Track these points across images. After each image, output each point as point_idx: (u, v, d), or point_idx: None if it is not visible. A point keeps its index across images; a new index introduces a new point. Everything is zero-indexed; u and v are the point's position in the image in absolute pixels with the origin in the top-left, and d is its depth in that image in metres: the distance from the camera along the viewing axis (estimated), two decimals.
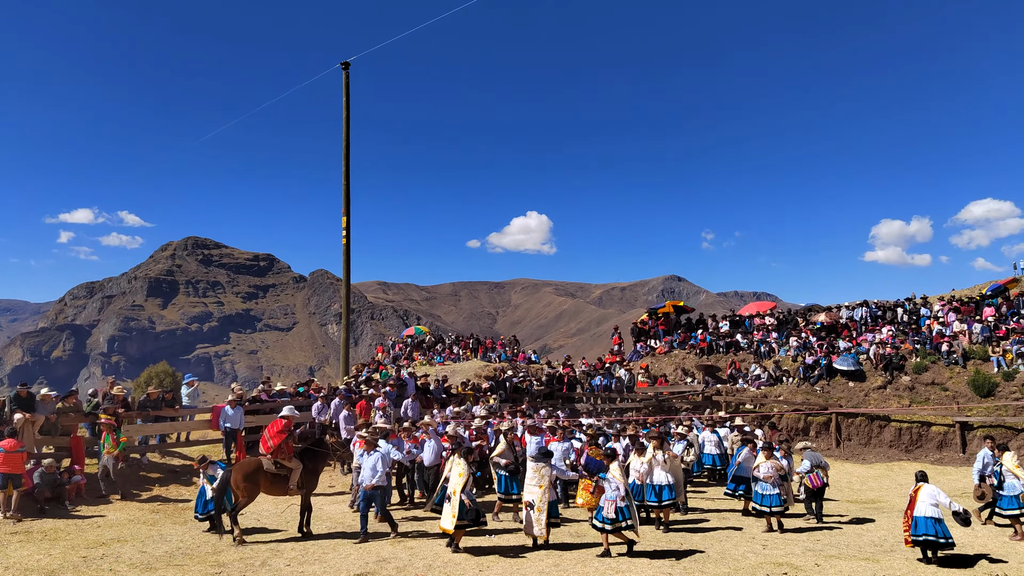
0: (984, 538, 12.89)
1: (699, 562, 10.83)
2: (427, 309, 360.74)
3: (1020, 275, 50.21)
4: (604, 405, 28.53)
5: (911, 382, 26.72)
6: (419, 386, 23.63)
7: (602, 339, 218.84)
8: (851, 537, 12.92)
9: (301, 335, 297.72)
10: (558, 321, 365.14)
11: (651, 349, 35.53)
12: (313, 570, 10.42)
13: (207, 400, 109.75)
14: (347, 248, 27.12)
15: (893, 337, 29.90)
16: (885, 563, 10.77)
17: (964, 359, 26.90)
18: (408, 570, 10.40)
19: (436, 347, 39.42)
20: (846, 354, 28.99)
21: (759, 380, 29.40)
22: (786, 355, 31.29)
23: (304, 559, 11.07)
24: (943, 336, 28.82)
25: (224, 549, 11.74)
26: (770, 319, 35.21)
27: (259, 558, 11.12)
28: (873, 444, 25.21)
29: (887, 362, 27.54)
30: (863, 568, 10.46)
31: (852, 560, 10.97)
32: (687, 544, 12.16)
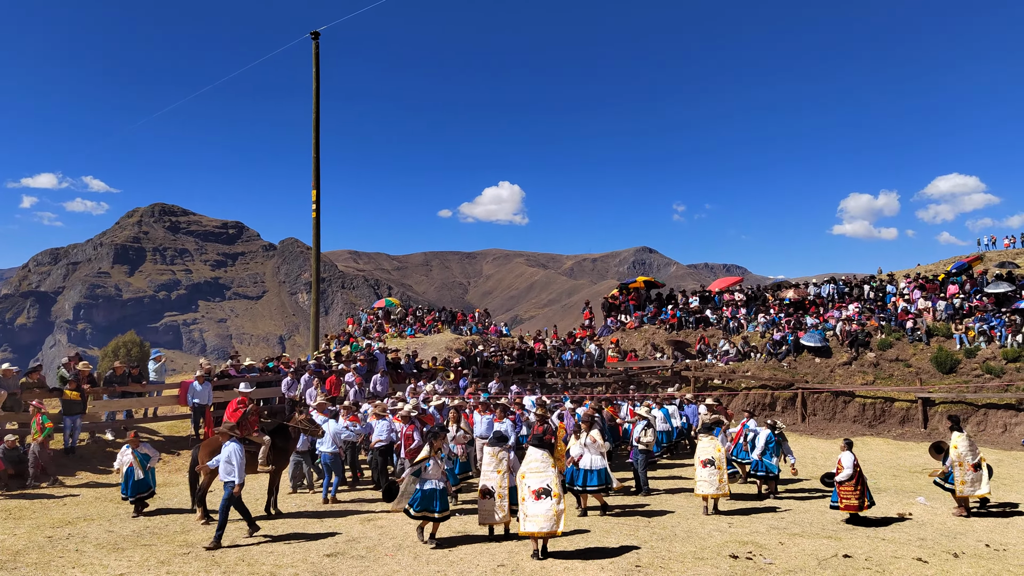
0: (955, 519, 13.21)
1: (666, 541, 10.99)
2: (398, 279, 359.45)
3: (984, 252, 51.22)
4: (574, 380, 28.71)
5: (876, 358, 27.21)
6: (389, 361, 23.59)
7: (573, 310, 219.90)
8: (814, 515, 13.19)
9: (271, 304, 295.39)
10: (529, 292, 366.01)
11: (621, 324, 35.74)
12: (283, 549, 10.42)
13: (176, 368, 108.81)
14: (316, 222, 26.84)
15: (859, 314, 30.37)
16: (847, 540, 11.01)
17: (928, 336, 27.42)
18: (378, 549, 10.44)
19: (407, 319, 39.32)
20: (813, 330, 29.42)
21: (727, 356, 29.75)
22: (754, 331, 31.68)
23: (274, 539, 11.06)
24: (908, 313, 29.35)
25: (193, 528, 11.69)
26: (739, 295, 35.55)
27: (228, 537, 11.08)
28: (837, 419, 25.68)
29: (853, 339, 27.99)
30: (826, 546, 10.68)
31: (815, 538, 11.20)
32: (654, 523, 12.34)
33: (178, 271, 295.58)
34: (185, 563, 9.68)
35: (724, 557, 10.05)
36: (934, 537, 11.37)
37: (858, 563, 9.79)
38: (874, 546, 10.69)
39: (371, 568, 9.54)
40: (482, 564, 9.72)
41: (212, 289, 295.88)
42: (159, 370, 20.31)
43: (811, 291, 34.62)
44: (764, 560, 9.92)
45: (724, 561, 9.86)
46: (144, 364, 21.11)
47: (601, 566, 9.61)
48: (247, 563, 9.71)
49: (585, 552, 10.34)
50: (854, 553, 10.23)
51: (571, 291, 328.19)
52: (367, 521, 12.30)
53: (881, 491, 15.55)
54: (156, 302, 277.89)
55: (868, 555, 10.17)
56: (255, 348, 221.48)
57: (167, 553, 10.16)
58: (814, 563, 9.79)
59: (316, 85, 27.94)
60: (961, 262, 36.03)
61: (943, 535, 11.54)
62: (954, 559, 10.02)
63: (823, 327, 29.92)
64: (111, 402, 18.15)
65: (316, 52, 27.90)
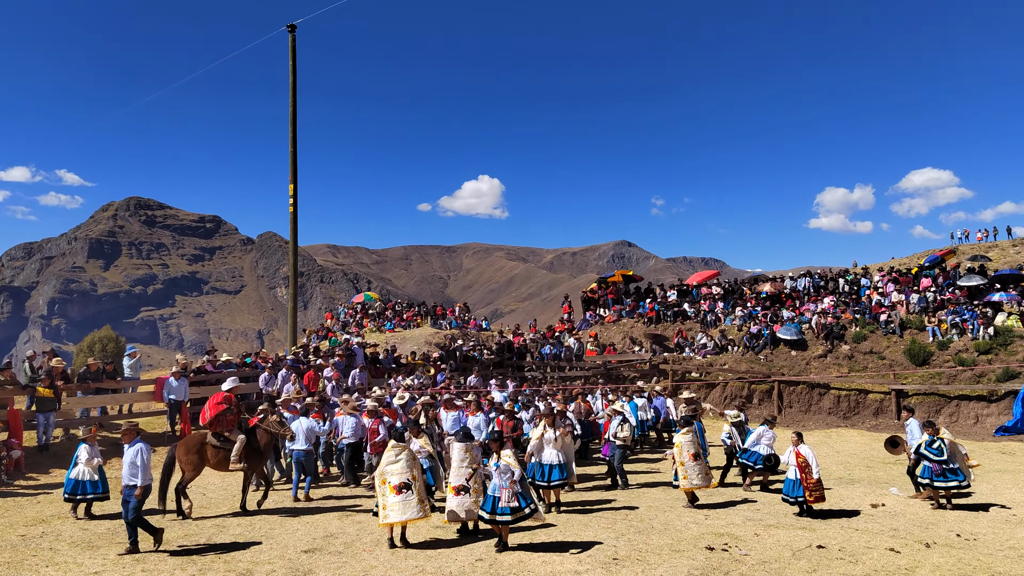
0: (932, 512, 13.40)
1: (643, 533, 11.07)
2: (378, 273, 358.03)
3: (957, 246, 51.90)
4: (553, 374, 28.79)
5: (850, 351, 27.52)
6: (368, 355, 23.52)
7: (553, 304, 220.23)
8: (789, 506, 13.32)
9: (249, 298, 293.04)
10: (509, 285, 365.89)
11: (600, 318, 35.87)
12: (259, 547, 10.38)
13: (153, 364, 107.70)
14: (294, 216, 26.66)
15: (834, 307, 30.67)
16: (821, 531, 11.15)
17: (901, 329, 27.76)
18: (356, 545, 10.44)
19: (386, 314, 39.21)
20: (789, 324, 29.68)
21: (705, 349, 29.95)
22: (731, 324, 31.90)
23: (250, 536, 11.02)
24: (882, 306, 29.69)
25: (168, 525, 11.60)
26: (716, 289, 35.78)
27: (204, 534, 11.05)
28: (813, 411, 25.95)
29: (828, 331, 28.28)
30: (800, 536, 10.81)
31: (790, 529, 11.33)
32: (632, 516, 12.42)
33: (154, 265, 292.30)
34: (160, 561, 9.63)
35: (700, 549, 10.14)
36: (906, 527, 11.54)
37: (832, 553, 9.92)
38: (847, 536, 10.83)
39: (349, 564, 9.53)
40: (460, 559, 9.74)
41: (189, 283, 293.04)
42: (134, 366, 20.10)
43: (787, 284, 34.91)
44: (739, 552, 10.02)
45: (700, 553, 9.95)
46: (119, 360, 20.86)
47: (579, 559, 9.67)
48: (223, 560, 9.67)
49: (563, 545, 10.40)
50: (828, 544, 10.36)
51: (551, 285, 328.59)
52: (345, 517, 12.28)
53: (855, 482, 15.78)
54: (132, 297, 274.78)
55: (842, 545, 10.30)
56: (233, 343, 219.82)
57: (142, 551, 10.09)
58: (788, 554, 9.90)
59: (293, 78, 27.74)
60: (934, 255, 36.52)
61: (915, 525, 11.71)
62: (926, 549, 10.17)
63: (799, 320, 30.20)
64: (85, 399, 17.94)
65: (293, 45, 27.70)
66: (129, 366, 19.99)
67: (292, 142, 27.14)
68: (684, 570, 9.21)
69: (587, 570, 9.22)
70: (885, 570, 9.20)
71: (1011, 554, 10.00)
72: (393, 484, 10.27)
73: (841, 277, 34.85)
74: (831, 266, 38.18)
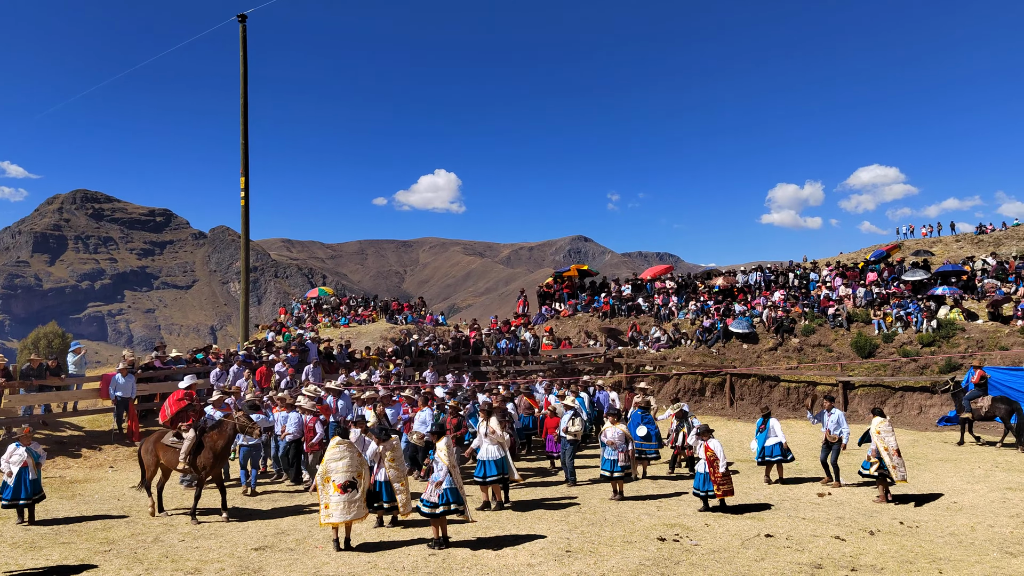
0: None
1: (596, 525, 11.17)
2: (333, 267, 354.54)
3: (902, 241, 53.21)
4: (509, 368, 28.83)
5: (800, 344, 28.06)
6: (321, 351, 23.30)
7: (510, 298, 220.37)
8: (739, 497, 13.54)
9: (201, 293, 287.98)
10: (467, 280, 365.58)
11: (556, 312, 36.01)
12: (209, 545, 10.22)
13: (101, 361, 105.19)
14: (245, 210, 26.24)
15: (784, 301, 31.24)
16: (769, 521, 11.37)
17: (848, 322, 28.37)
18: (308, 542, 10.34)
19: (340, 309, 38.85)
20: (741, 317, 30.15)
21: (659, 342, 30.27)
22: (685, 318, 32.30)
23: (199, 534, 10.84)
24: (830, 300, 30.32)
25: (114, 525, 11.38)
26: (670, 283, 36.19)
27: (151, 534, 10.84)
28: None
29: (778, 325, 28.79)
30: (749, 526, 11.02)
31: (739, 519, 11.54)
32: (585, 508, 12.52)
33: (102, 260, 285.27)
34: (106, 560, 9.42)
35: (652, 540, 10.27)
36: (851, 516, 11.81)
37: (779, 542, 10.12)
38: (795, 525, 11.06)
39: (300, 561, 9.44)
40: (413, 553, 9.72)
41: (139, 278, 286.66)
42: (79, 362, 19.58)
43: (739, 279, 35.46)
44: (690, 542, 10.17)
45: (652, 544, 10.08)
46: (64, 357, 20.32)
47: (532, 552, 9.72)
48: (171, 559, 9.50)
49: (516, 538, 10.43)
50: (775, 533, 10.57)
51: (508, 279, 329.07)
52: (297, 513, 12.16)
53: (802, 472, 16.10)
54: (79, 292, 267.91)
55: (789, 534, 10.52)
56: (185, 339, 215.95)
57: (87, 551, 9.88)
58: (738, 543, 10.08)
59: (244, 69, 27.26)
60: (880, 250, 37.41)
61: (860, 514, 12.00)
62: (870, 536, 10.43)
63: (750, 314, 30.70)
64: (28, 396, 17.46)
65: (243, 35, 27.22)
66: (74, 363, 19.47)
67: (244, 134, 26.69)
68: (636, 561, 9.32)
69: (540, 562, 9.27)
70: (831, 557, 9.42)
71: (951, 540, 10.30)
72: (338, 483, 9.90)
73: (791, 272, 35.52)
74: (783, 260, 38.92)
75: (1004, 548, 9.88)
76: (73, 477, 15.28)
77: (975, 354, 24.74)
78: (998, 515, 11.74)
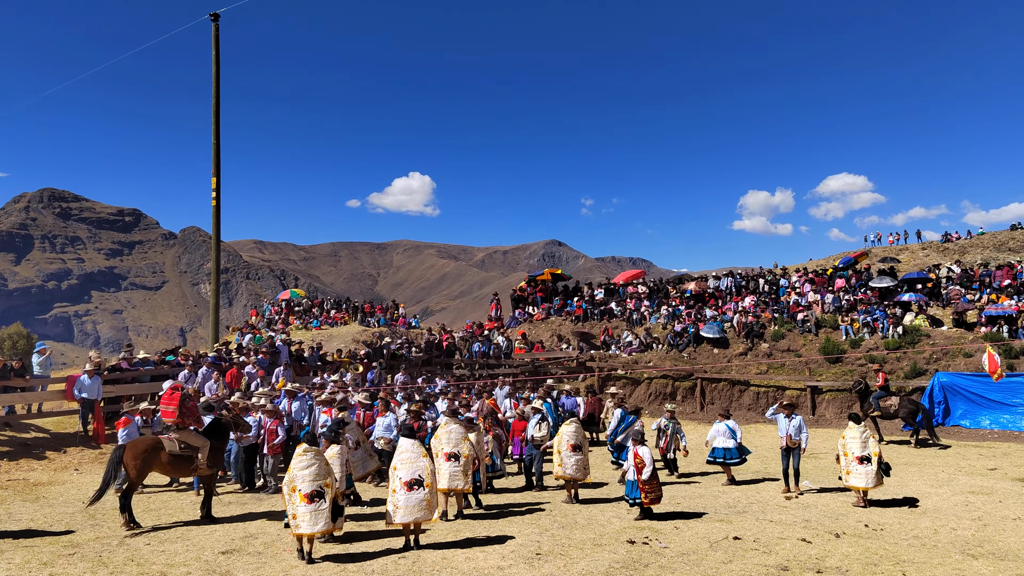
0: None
1: (567, 528, 11.21)
2: (305, 269, 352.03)
3: (870, 248, 53.99)
4: (482, 371, 28.83)
5: (769, 349, 28.37)
6: (292, 353, 23.14)
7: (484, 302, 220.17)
8: (708, 499, 13.68)
9: (171, 294, 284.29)
10: (440, 283, 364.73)
11: (529, 316, 36.09)
12: (175, 548, 10.10)
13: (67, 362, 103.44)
14: (217, 210, 25.98)
15: (755, 306, 31.58)
16: (737, 523, 11.48)
17: (816, 328, 28.75)
18: (276, 546, 10.26)
19: (312, 311, 38.59)
20: (712, 322, 30.42)
21: (631, 346, 30.44)
22: (657, 322, 32.52)
23: (165, 537, 10.71)
24: (799, 306, 30.70)
25: (79, 528, 11.20)
26: (643, 287, 36.42)
27: (116, 537, 10.69)
28: (734, 407, 26.64)
29: (748, 330, 29.10)
30: (717, 529, 11.12)
31: (708, 522, 11.64)
32: (556, 512, 12.56)
33: (69, 260, 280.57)
34: (70, 564, 9.27)
35: (622, 543, 10.32)
36: (817, 519, 11.97)
37: (747, 544, 10.23)
38: (762, 528, 11.18)
39: (268, 564, 9.36)
40: (382, 557, 9.68)
41: (107, 279, 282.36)
42: (44, 363, 19.27)
43: (711, 284, 35.78)
44: (659, 544, 10.24)
45: (622, 546, 10.13)
46: (29, 358, 19.99)
47: (502, 554, 9.73)
48: (136, 563, 9.37)
49: (485, 541, 10.44)
50: (743, 535, 10.68)
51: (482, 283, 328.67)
52: (266, 518, 12.05)
53: (772, 476, 16.26)
54: (45, 292, 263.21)
55: (756, 536, 10.63)
56: (154, 341, 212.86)
57: (50, 554, 9.71)
58: (706, 546, 10.17)
59: (216, 68, 27.00)
60: (848, 257, 38.00)
61: (826, 516, 12.16)
62: (835, 539, 10.57)
63: (721, 319, 30.98)
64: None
65: (216, 34, 26.96)
66: (38, 363, 19.17)
67: (215, 134, 26.43)
68: (606, 563, 9.36)
69: (510, 565, 9.28)
70: (797, 560, 9.53)
71: (915, 543, 10.48)
72: (304, 492, 9.52)
73: (761, 277, 35.90)
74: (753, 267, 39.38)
75: (966, 550, 10.07)
76: (37, 480, 15.01)
77: (939, 360, 25.19)
78: (960, 518, 11.96)
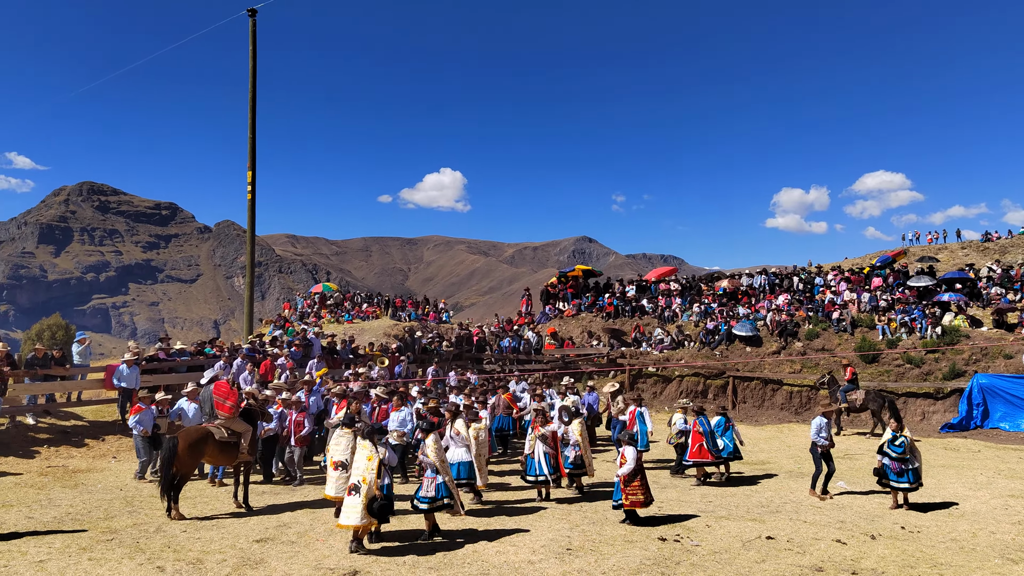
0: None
1: (597, 524, 11.18)
2: (337, 264, 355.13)
3: (908, 247, 53.12)
4: (512, 367, 28.83)
5: (803, 348, 28.02)
6: (325, 346, 23.31)
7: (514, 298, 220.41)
8: (740, 498, 13.56)
9: (206, 287, 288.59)
10: (470, 279, 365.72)
11: (559, 312, 36.01)
12: (211, 536, 10.24)
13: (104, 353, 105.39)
14: (252, 204, 26.27)
15: (789, 304, 31.20)
16: (770, 523, 11.36)
17: (852, 327, 28.33)
18: (308, 535, 10.36)
19: (344, 304, 38.88)
20: (745, 320, 30.12)
21: (662, 344, 30.25)
22: (689, 320, 32.26)
23: (201, 525, 10.87)
24: (834, 304, 30.28)
25: (117, 514, 11.40)
26: (675, 284, 36.15)
27: (153, 524, 10.86)
28: (766, 407, 26.39)
29: (782, 328, 28.76)
30: (750, 528, 11.00)
31: (740, 521, 11.52)
32: (586, 507, 12.53)
33: (107, 252, 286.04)
34: (108, 549, 9.44)
35: (653, 540, 10.27)
36: (853, 520, 11.80)
37: (780, 544, 10.12)
38: (796, 528, 11.05)
39: (301, 554, 9.46)
40: (415, 547, 9.74)
41: (144, 271, 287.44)
42: (83, 353, 19.64)
43: (744, 282, 35.42)
44: (691, 542, 10.17)
45: (653, 543, 10.08)
46: (69, 349, 20.39)
47: (532, 549, 9.73)
48: (173, 549, 9.52)
49: (517, 535, 10.45)
50: (777, 535, 10.56)
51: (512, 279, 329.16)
52: (298, 508, 12.18)
53: (805, 475, 16.05)
54: (84, 284, 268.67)
55: (790, 537, 10.51)
56: (188, 332, 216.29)
57: (89, 540, 9.89)
58: (739, 545, 10.08)
59: (253, 64, 27.28)
60: (886, 256, 37.35)
61: (861, 518, 11.99)
62: (871, 540, 10.42)
63: (754, 317, 30.67)
64: (32, 385, 17.50)
65: (253, 30, 27.23)
66: (78, 353, 19.54)
67: (251, 128, 26.72)
68: (637, 560, 9.32)
69: (540, 560, 9.28)
70: (832, 561, 9.41)
71: (952, 546, 10.29)
72: (334, 459, 10.69)
73: (796, 275, 35.46)
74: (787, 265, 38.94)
75: (1005, 555, 9.87)
76: (76, 467, 15.31)
77: (979, 361, 24.72)
78: (1000, 521, 11.73)
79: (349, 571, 8.74)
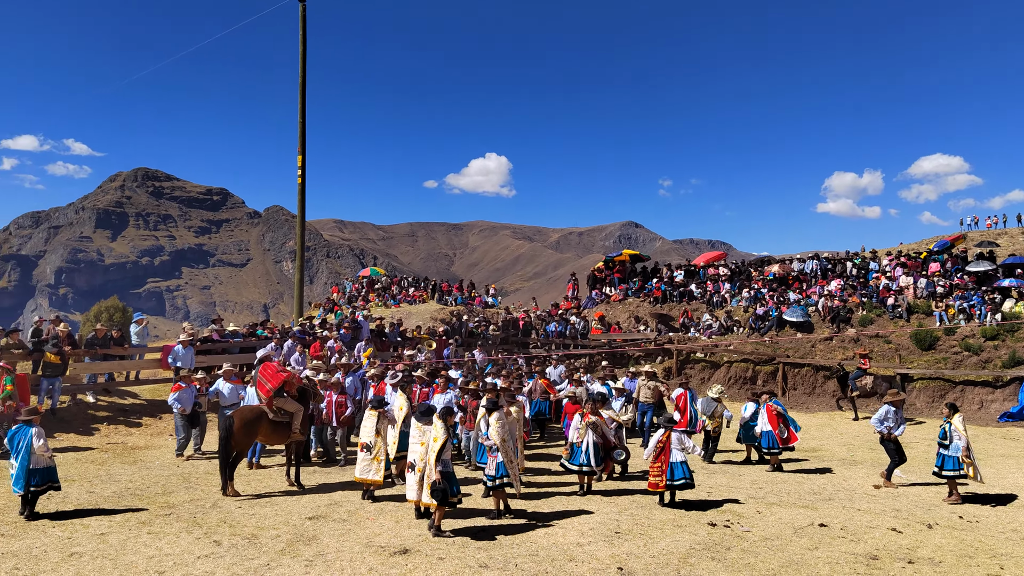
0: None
1: (646, 508, 11.13)
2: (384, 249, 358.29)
3: (966, 232, 51.60)
4: (558, 351, 28.80)
5: (856, 334, 27.43)
6: (373, 329, 23.56)
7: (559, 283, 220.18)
8: (792, 485, 13.36)
9: (255, 271, 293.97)
10: (515, 264, 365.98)
11: (606, 296, 35.83)
12: (265, 512, 10.45)
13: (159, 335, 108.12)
14: (302, 188, 26.61)
15: (841, 290, 30.57)
16: (823, 510, 11.17)
17: (908, 313, 27.65)
18: (359, 514, 10.50)
19: (392, 289, 39.22)
20: (796, 306, 29.60)
21: (711, 329, 29.91)
22: (738, 305, 31.84)
23: (256, 501, 11.10)
24: (889, 290, 29.57)
25: (174, 490, 11.70)
26: (724, 270, 35.69)
27: (210, 500, 11.12)
28: (817, 394, 25.93)
29: (834, 315, 28.20)
30: (802, 515, 10.84)
31: (792, 507, 11.36)
32: (635, 493, 12.46)
33: (161, 237, 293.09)
34: (166, 524, 9.70)
35: (702, 525, 10.18)
36: (908, 508, 11.55)
37: (833, 532, 9.94)
38: (849, 516, 10.85)
39: (353, 531, 9.59)
40: (461, 525, 9.80)
41: (196, 256, 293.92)
42: (141, 333, 20.19)
43: (795, 267, 34.80)
44: (741, 528, 10.06)
45: (702, 528, 9.99)
46: (127, 328, 20.96)
47: (581, 531, 9.72)
48: (229, 524, 9.74)
49: (565, 518, 10.45)
50: (830, 523, 10.38)
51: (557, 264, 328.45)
52: (348, 488, 12.34)
53: (858, 463, 15.80)
54: (139, 268, 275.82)
55: (844, 524, 10.32)
56: (239, 315, 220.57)
57: (148, 514, 10.17)
58: (790, 532, 9.93)
59: (303, 50, 27.56)
60: (944, 241, 36.34)
61: (917, 506, 11.72)
62: (928, 530, 10.18)
63: (805, 303, 30.12)
64: (92, 364, 18.05)
65: (303, 16, 27.50)
66: (136, 333, 20.09)
67: (301, 112, 27.03)
68: (686, 544, 9.25)
69: (589, 542, 9.27)
70: (887, 549, 9.22)
71: (1013, 536, 10.01)
72: (362, 441, 11.36)
73: (849, 261, 34.71)
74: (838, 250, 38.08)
75: None
76: (134, 444, 15.75)
77: None
78: None
79: (400, 549, 8.83)
